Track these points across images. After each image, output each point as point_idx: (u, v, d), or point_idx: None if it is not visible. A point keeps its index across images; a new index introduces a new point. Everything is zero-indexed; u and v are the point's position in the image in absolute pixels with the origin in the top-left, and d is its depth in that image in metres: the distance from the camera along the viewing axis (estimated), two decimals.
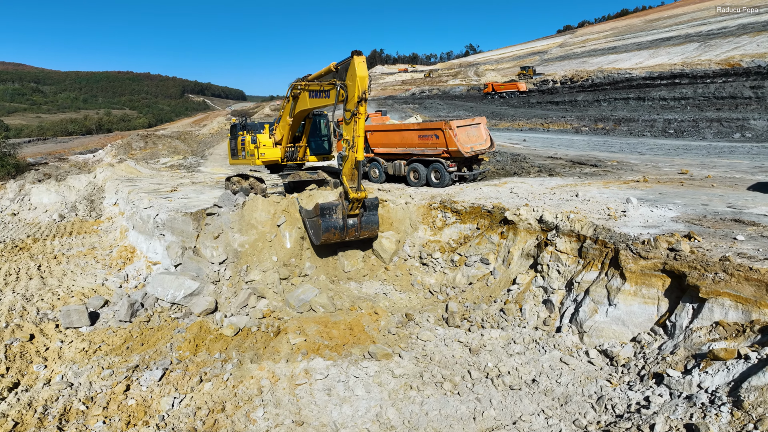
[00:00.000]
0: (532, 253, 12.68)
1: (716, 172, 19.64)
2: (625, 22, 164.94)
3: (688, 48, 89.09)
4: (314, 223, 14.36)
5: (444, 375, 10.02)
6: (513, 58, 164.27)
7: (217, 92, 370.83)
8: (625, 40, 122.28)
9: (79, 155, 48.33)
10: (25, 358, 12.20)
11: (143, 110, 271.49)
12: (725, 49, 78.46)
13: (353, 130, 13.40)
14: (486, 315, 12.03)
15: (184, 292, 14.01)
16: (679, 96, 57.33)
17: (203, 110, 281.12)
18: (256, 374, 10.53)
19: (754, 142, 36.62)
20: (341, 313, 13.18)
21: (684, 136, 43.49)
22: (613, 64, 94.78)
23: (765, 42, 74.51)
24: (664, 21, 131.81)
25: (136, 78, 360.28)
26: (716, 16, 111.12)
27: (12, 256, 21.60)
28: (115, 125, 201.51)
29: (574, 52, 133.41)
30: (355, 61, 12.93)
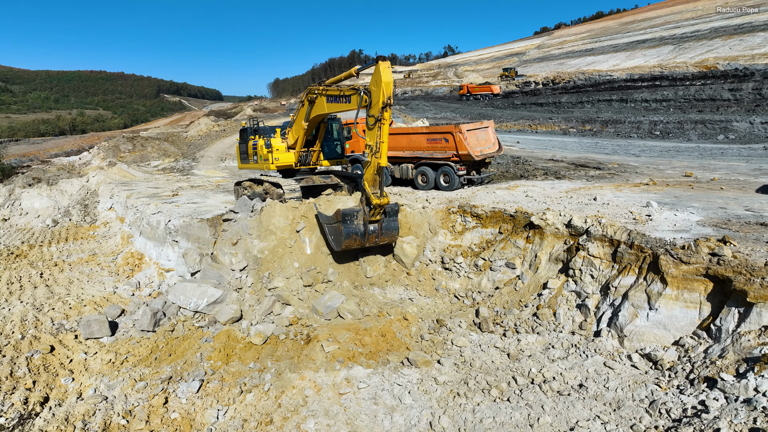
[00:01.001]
0: (561, 257, 12.80)
1: (718, 174, 20.09)
2: (601, 24, 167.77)
3: (663, 50, 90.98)
4: (335, 229, 14.27)
5: (489, 381, 10.04)
6: (491, 59, 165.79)
7: (193, 92, 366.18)
8: (601, 42, 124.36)
9: (62, 157, 47.26)
10: (50, 371, 11.88)
11: (118, 110, 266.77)
12: (699, 52, 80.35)
13: (377, 136, 13.35)
14: (519, 320, 12.10)
15: (207, 300, 13.80)
16: (661, 98, 58.51)
17: (179, 110, 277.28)
18: (297, 384, 10.42)
19: (738, 144, 37.59)
20: (369, 320, 13.12)
21: (670, 137, 44.39)
22: (591, 65, 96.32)
23: (737, 45, 76.53)
24: (639, 24, 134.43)
25: (109, 77, 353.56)
26: (689, 19, 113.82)
27: (9, 263, 21.03)
28: (90, 126, 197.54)
29: (552, 53, 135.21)
30: (380, 67, 12.90)
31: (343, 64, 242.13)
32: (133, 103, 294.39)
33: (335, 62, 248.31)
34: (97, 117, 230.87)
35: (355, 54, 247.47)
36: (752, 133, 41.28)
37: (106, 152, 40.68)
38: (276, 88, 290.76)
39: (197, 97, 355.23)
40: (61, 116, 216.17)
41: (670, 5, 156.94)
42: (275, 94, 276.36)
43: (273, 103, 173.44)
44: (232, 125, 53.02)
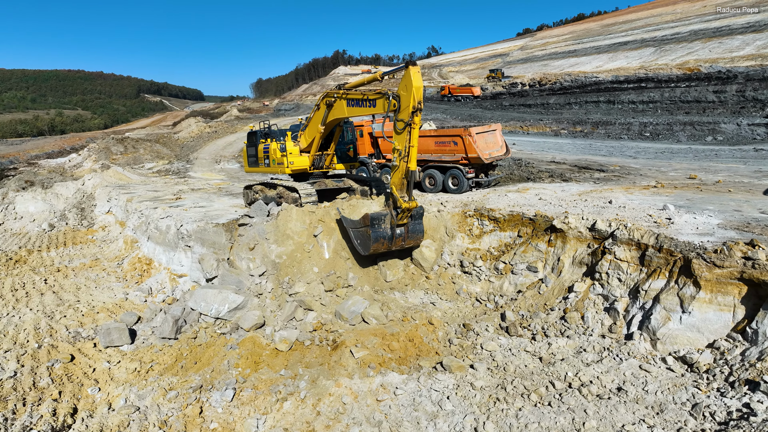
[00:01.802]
0: (585, 261, 12.91)
1: (721, 176, 20.44)
2: (583, 26, 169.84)
3: (645, 52, 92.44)
4: (362, 234, 14.23)
5: (526, 386, 10.09)
6: (475, 60, 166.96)
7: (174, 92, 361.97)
8: (584, 43, 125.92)
9: (49, 159, 46.33)
10: (74, 381, 11.65)
11: (97, 110, 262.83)
12: (680, 54, 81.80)
13: (406, 140, 13.35)
14: (546, 323, 12.18)
15: (228, 306, 13.65)
16: (648, 99, 59.34)
17: (161, 110, 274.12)
18: (334, 391, 10.35)
19: (727, 145, 38.31)
20: (394, 324, 13.10)
21: (660, 138, 45.08)
22: (575, 67, 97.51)
23: (716, 48, 78.05)
24: (620, 26, 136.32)
25: (88, 77, 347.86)
26: (669, 22, 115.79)
27: (10, 269, 20.59)
28: (69, 126, 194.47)
29: (535, 55, 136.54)
30: (411, 72, 12.89)
31: (327, 65, 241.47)
32: (113, 103, 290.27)
33: (319, 62, 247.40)
34: (76, 117, 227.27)
35: (339, 54, 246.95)
36: (740, 135, 42.08)
37: (98, 154, 39.97)
38: (259, 88, 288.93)
39: (178, 97, 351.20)
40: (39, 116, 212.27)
41: (649, 8, 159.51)
42: (258, 94, 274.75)
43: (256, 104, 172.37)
44: (223, 126, 52.60)
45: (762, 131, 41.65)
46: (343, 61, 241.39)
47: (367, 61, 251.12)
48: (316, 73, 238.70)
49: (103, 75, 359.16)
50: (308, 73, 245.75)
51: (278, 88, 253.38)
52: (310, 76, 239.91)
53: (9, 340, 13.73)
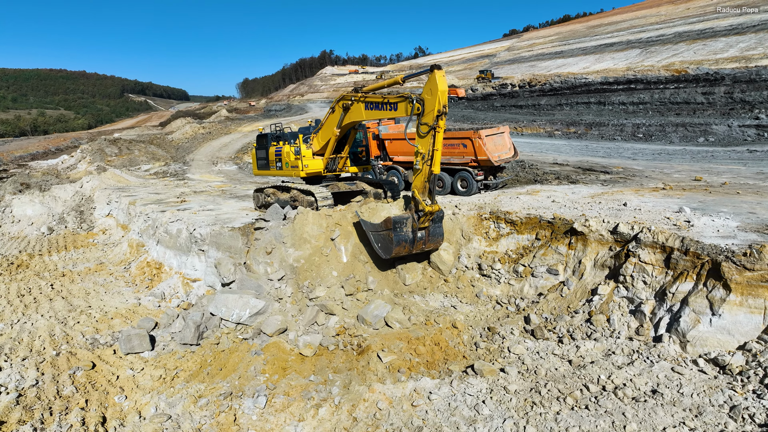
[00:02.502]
0: (608, 263, 13.02)
1: (725, 178, 20.75)
2: (569, 27, 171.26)
3: (631, 54, 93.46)
4: (384, 237, 14.20)
5: (560, 389, 10.14)
6: (462, 61, 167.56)
7: (158, 92, 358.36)
8: (570, 45, 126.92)
9: (40, 161, 45.59)
10: (99, 389, 11.47)
11: (80, 110, 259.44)
12: (665, 56, 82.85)
13: (430, 144, 13.36)
14: (571, 326, 12.26)
15: (249, 311, 13.54)
16: (638, 101, 60.00)
17: (146, 110, 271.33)
18: (368, 396, 10.31)
19: (719, 146, 38.92)
20: (418, 328, 13.11)
21: (653, 140, 45.67)
22: (562, 68, 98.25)
23: (701, 50, 79.16)
24: (605, 27, 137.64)
25: (70, 76, 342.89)
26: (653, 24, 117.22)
27: (13, 274, 20.24)
28: (52, 126, 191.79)
29: (522, 55, 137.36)
30: (436, 76, 12.91)
31: (314, 65, 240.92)
32: (97, 103, 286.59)
33: (306, 62, 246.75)
34: (59, 117, 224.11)
35: (326, 54, 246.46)
36: (731, 136, 42.75)
37: (92, 156, 39.41)
38: (245, 88, 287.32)
39: (163, 97, 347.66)
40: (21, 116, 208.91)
41: (633, 10, 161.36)
42: (244, 94, 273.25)
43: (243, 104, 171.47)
44: (217, 128, 52.18)
45: (752, 132, 42.36)
46: (330, 62, 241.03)
47: (354, 61, 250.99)
48: (303, 73, 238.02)
49: (85, 74, 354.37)
50: (295, 73, 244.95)
51: (265, 88, 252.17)
52: (297, 76, 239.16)
53: (25, 348, 13.49)
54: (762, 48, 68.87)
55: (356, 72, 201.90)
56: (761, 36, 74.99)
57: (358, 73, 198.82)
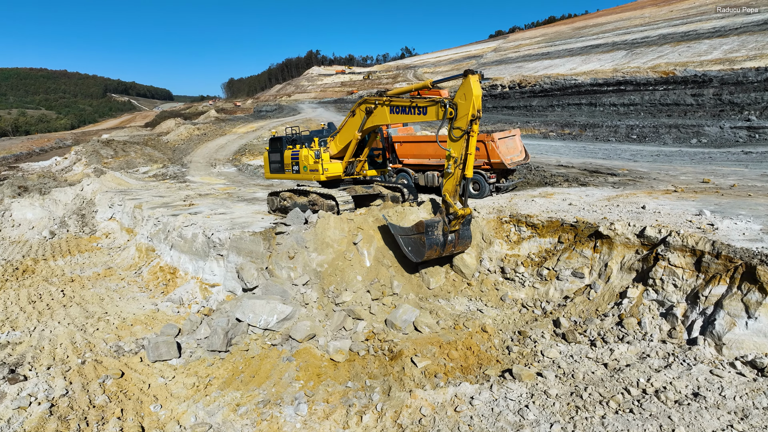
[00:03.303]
0: (635, 266, 13.15)
1: (732, 180, 21.07)
2: (554, 29, 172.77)
3: (617, 55, 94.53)
4: (415, 241, 14.22)
5: (601, 393, 10.22)
6: (450, 62, 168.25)
7: (142, 92, 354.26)
8: (556, 46, 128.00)
9: (32, 163, 44.80)
10: (132, 398, 11.31)
11: (62, 110, 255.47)
12: (651, 57, 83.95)
13: (463, 148, 13.43)
14: (601, 329, 12.36)
15: (277, 317, 13.44)
16: (628, 102, 60.74)
17: (129, 111, 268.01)
18: (410, 403, 10.29)
19: (713, 148, 39.51)
20: (447, 332, 13.13)
21: (647, 141, 46.24)
22: (549, 69, 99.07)
23: (685, 51, 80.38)
24: (591, 29, 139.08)
25: (51, 76, 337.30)
26: (638, 25, 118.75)
27: (20, 280, 19.88)
28: (34, 127, 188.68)
29: (509, 56, 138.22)
30: (470, 81, 12.98)
31: (300, 65, 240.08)
32: (79, 103, 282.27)
33: (292, 62, 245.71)
34: (41, 117, 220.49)
35: (313, 54, 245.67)
36: (723, 137, 43.45)
37: (88, 158, 38.79)
38: (231, 88, 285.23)
39: (146, 97, 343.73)
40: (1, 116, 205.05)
41: (618, 12, 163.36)
42: (230, 94, 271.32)
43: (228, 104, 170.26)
44: (211, 129, 51.73)
45: (744, 134, 43.06)
46: (316, 62, 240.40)
47: (340, 61, 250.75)
48: (289, 73, 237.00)
49: (67, 74, 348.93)
50: (281, 73, 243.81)
51: (251, 88, 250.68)
52: (284, 76, 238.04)
53: (47, 356, 13.26)
54: (745, 50, 69.94)
55: (343, 72, 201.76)
56: (744, 39, 76.18)
57: (345, 73, 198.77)
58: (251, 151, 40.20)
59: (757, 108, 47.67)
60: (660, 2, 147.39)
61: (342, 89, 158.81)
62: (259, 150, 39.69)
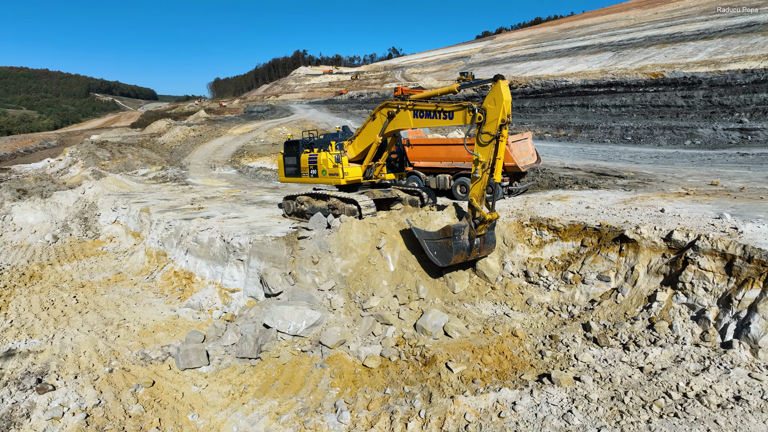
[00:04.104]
0: (662, 270, 13.28)
1: (739, 183, 21.39)
2: (541, 30, 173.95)
3: (604, 57, 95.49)
4: (442, 245, 14.22)
5: (642, 397, 10.31)
6: (437, 62, 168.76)
7: (126, 91, 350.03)
8: (543, 47, 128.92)
9: (24, 165, 44.00)
10: (167, 407, 11.15)
11: (45, 110, 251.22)
12: (637, 59, 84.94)
13: (491, 153, 13.45)
14: (632, 333, 12.47)
15: (306, 323, 13.35)
16: (620, 104, 61.34)
17: (113, 110, 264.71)
18: (454, 409, 10.29)
19: (707, 149, 40.09)
20: (477, 337, 13.14)
21: (641, 142, 46.82)
22: (537, 70, 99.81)
23: (671, 53, 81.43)
24: (577, 30, 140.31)
25: (32, 75, 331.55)
26: (623, 27, 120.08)
27: (29, 286, 19.51)
28: (16, 127, 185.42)
29: (496, 57, 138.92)
30: (500, 86, 13.00)
31: (287, 65, 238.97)
32: (61, 103, 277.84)
33: (279, 62, 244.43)
34: (22, 117, 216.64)
35: (300, 54, 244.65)
36: (716, 139, 44.12)
37: (85, 160, 38.17)
38: (216, 88, 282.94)
39: (130, 96, 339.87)
40: None
41: (603, 13, 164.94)
42: (215, 94, 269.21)
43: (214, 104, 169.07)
44: (207, 130, 51.25)
45: (736, 135, 43.75)
46: (303, 62, 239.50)
47: (328, 61, 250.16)
48: (276, 73, 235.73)
49: (48, 73, 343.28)
50: (268, 73, 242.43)
51: (237, 88, 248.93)
52: (270, 76, 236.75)
53: (72, 365, 13.03)
54: (729, 52, 70.99)
55: (330, 72, 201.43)
56: (728, 41, 77.25)
57: (332, 73, 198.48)
58: (250, 153, 39.92)
59: (747, 110, 48.38)
60: (644, 4, 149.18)
61: (330, 89, 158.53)
62: (257, 152, 39.47)
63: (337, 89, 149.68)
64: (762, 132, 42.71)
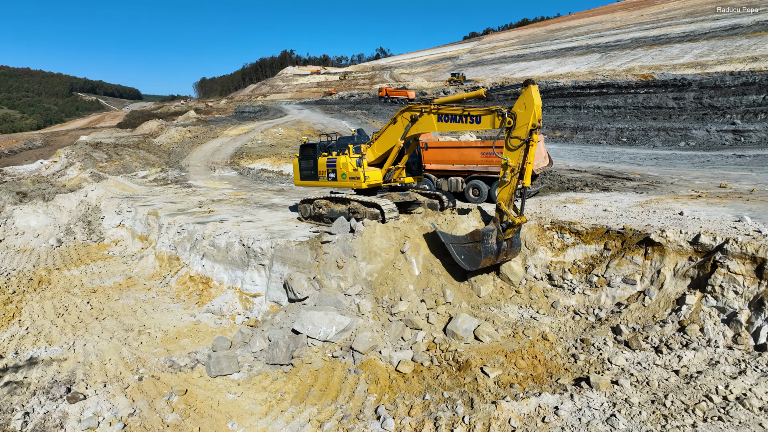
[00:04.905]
0: (689, 273, 13.42)
1: (746, 185, 21.72)
2: (528, 31, 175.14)
3: (592, 58, 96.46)
4: (470, 249, 14.24)
5: (683, 401, 10.40)
6: (425, 63, 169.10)
7: (110, 91, 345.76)
8: (531, 48, 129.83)
9: (16, 167, 43.22)
10: (204, 415, 11.02)
11: (27, 110, 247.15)
12: (625, 60, 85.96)
13: (520, 157, 13.50)
14: (663, 336, 12.58)
15: (336, 328, 13.26)
16: (612, 105, 61.91)
17: (97, 110, 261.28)
18: (498, 415, 10.28)
19: (702, 150, 40.67)
20: (507, 341, 13.17)
21: (637, 144, 47.32)
22: (525, 71, 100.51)
23: (658, 55, 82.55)
24: (564, 32, 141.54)
25: (13, 73, 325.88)
26: (610, 29, 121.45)
27: (39, 291, 19.17)
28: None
29: (485, 58, 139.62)
30: (531, 91, 13.08)
31: (275, 65, 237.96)
32: (44, 102, 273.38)
33: (266, 62, 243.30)
34: (4, 116, 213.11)
35: (287, 54, 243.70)
36: (710, 141, 44.74)
37: (82, 161, 37.58)
38: (203, 87, 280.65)
39: (115, 96, 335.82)
40: None
41: (590, 15, 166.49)
42: (202, 94, 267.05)
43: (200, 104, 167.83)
44: (203, 131, 50.79)
45: (729, 137, 44.40)
46: (291, 62, 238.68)
47: (315, 61, 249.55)
48: (263, 73, 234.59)
49: (30, 71, 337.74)
50: (255, 73, 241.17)
51: (224, 88, 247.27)
52: (258, 76, 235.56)
53: (99, 373, 12.82)
54: (715, 54, 72.05)
55: (318, 72, 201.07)
56: (713, 43, 78.41)
57: (320, 73, 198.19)
58: (249, 155, 39.63)
59: (738, 111, 49.05)
60: (630, 6, 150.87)
61: (319, 90, 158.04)
62: (256, 153, 39.21)
63: (325, 90, 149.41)
64: (755, 134, 43.41)
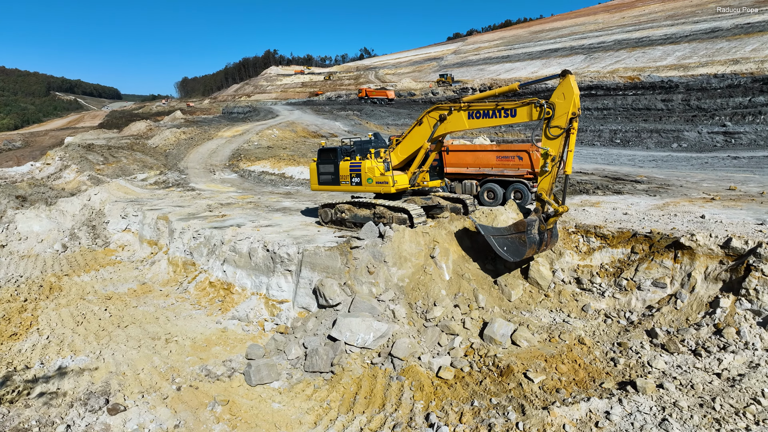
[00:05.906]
0: (721, 276, 13.62)
1: (754, 187, 22.15)
2: (512, 32, 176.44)
3: (576, 59, 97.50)
4: (513, 240, 14.41)
5: (731, 404, 10.55)
6: (410, 63, 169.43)
7: (88, 90, 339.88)
8: (516, 49, 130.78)
9: (6, 169, 42.24)
10: (252, 426, 10.87)
11: (3, 109, 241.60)
12: (609, 62, 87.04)
13: (560, 146, 13.75)
14: (699, 339, 12.75)
15: (373, 335, 13.19)
16: (602, 106, 62.62)
17: (76, 110, 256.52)
18: (551, 420, 10.32)
19: (693, 152, 41.40)
20: (545, 346, 13.23)
21: (630, 145, 47.97)
22: (511, 72, 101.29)
23: (641, 57, 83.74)
24: (548, 33, 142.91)
25: None
26: (593, 31, 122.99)
27: (52, 299, 18.74)
28: None
29: (469, 59, 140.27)
30: (570, 80, 13.36)
31: (258, 64, 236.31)
32: (20, 102, 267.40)
33: (249, 62, 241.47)
34: None
35: (270, 54, 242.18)
36: (701, 142, 45.54)
37: (79, 164, 36.83)
38: (184, 87, 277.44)
39: (93, 96, 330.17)
40: None
41: (573, 17, 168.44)
42: (183, 93, 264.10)
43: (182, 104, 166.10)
44: (197, 133, 50.18)
45: (721, 139, 45.23)
46: (274, 61, 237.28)
47: (299, 61, 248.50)
48: (246, 72, 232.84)
49: (5, 70, 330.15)
50: (238, 72, 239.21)
51: (206, 88, 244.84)
52: (241, 76, 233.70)
53: (133, 382, 12.57)
54: (696, 57, 73.28)
55: (302, 72, 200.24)
56: (694, 46, 79.76)
57: (304, 73, 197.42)
58: (247, 157, 39.24)
59: (725, 114, 49.94)
60: (612, 9, 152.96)
61: (303, 90, 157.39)
62: (254, 155, 38.85)
63: (311, 90, 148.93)
64: (745, 135, 44.29)
